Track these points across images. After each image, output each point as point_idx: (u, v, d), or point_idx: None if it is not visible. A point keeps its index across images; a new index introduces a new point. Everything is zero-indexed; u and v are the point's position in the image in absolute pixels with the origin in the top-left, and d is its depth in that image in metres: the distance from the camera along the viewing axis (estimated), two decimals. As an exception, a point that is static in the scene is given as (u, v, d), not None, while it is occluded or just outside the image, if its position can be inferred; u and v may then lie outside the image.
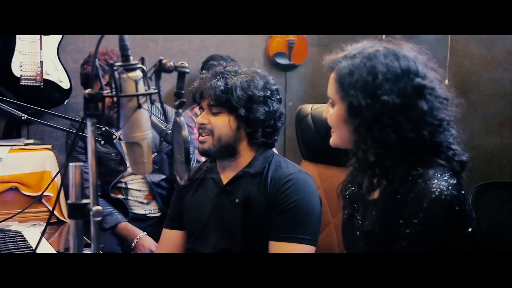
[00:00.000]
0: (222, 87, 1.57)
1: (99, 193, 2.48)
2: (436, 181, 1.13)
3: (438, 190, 1.12)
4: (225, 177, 1.67)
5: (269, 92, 1.61)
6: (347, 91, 1.20)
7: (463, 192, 1.16)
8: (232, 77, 1.59)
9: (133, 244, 2.34)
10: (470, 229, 1.16)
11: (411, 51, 1.22)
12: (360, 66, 1.19)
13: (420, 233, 1.13)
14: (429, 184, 1.13)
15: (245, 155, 1.65)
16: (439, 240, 1.13)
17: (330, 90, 1.26)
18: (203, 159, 2.28)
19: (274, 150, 1.75)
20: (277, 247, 1.56)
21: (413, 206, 1.14)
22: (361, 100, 1.17)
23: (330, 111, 1.28)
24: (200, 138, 1.63)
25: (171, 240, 1.77)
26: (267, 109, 1.60)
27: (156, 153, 2.47)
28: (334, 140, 1.31)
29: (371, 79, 1.17)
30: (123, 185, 2.52)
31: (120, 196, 2.52)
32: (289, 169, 1.63)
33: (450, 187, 1.13)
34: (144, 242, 2.33)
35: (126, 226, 2.39)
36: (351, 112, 1.21)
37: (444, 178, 1.14)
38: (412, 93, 1.17)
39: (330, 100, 1.27)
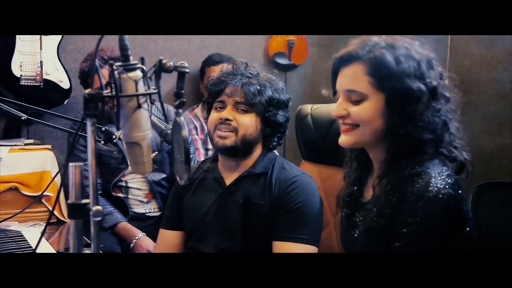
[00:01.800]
0: (258, 87, 1.59)
1: (100, 192, 2.49)
2: (434, 180, 1.13)
3: (436, 189, 1.11)
4: (228, 177, 1.68)
5: (286, 98, 1.67)
6: (390, 81, 1.16)
7: (460, 192, 1.15)
8: (261, 78, 1.63)
9: (132, 245, 2.34)
10: (467, 229, 1.15)
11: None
12: (398, 56, 1.17)
13: (417, 232, 1.12)
14: (426, 183, 1.13)
15: (254, 156, 1.66)
16: (436, 239, 1.12)
17: (356, 84, 1.19)
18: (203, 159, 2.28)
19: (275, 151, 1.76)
20: (281, 247, 1.57)
21: (410, 205, 1.13)
22: (412, 88, 1.15)
23: (354, 107, 1.20)
24: (220, 133, 1.61)
25: (168, 241, 1.77)
26: (285, 114, 1.66)
27: (157, 152, 2.47)
28: (355, 139, 1.23)
29: (417, 66, 1.17)
30: (124, 184, 2.52)
31: (120, 194, 2.52)
32: (293, 171, 1.66)
33: (447, 186, 1.12)
34: (143, 242, 2.33)
35: (125, 226, 2.39)
36: (392, 103, 1.17)
37: (442, 177, 1.13)
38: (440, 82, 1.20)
39: (354, 96, 1.20)
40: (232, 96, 1.60)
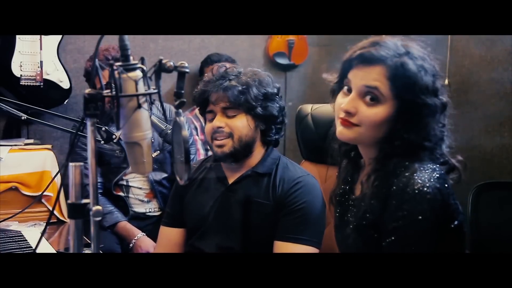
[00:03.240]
0: (240, 88, 1.57)
1: (101, 190, 2.49)
2: (419, 173, 1.14)
3: (419, 182, 1.12)
4: (231, 176, 1.68)
5: (275, 89, 1.65)
6: (409, 93, 1.17)
7: (446, 185, 1.15)
8: (242, 77, 1.61)
9: (131, 245, 2.34)
10: (456, 222, 1.16)
11: None
12: (420, 69, 1.18)
13: (404, 226, 1.13)
14: (411, 176, 1.14)
15: (256, 155, 1.66)
16: (424, 233, 1.13)
17: (378, 83, 1.18)
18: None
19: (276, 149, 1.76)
20: (283, 247, 1.57)
21: (396, 199, 1.14)
22: (427, 103, 1.17)
23: (366, 109, 1.19)
24: (217, 142, 1.61)
25: (170, 238, 1.76)
26: (277, 105, 1.64)
27: (159, 151, 2.47)
28: (354, 135, 1.22)
29: (432, 81, 1.19)
30: (125, 183, 2.52)
31: (121, 193, 2.52)
32: (297, 172, 1.65)
33: (432, 180, 1.13)
34: (142, 242, 2.33)
35: (125, 225, 2.40)
36: (404, 112, 1.18)
37: (427, 171, 1.14)
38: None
39: (371, 93, 1.19)
40: (217, 103, 1.60)
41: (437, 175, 1.14)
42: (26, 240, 1.77)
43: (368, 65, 1.20)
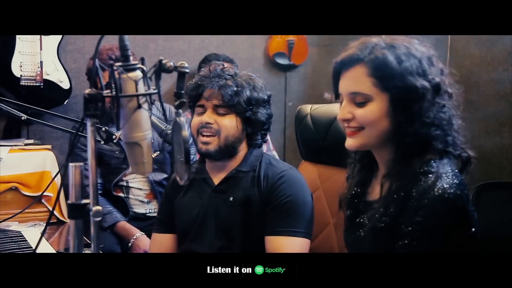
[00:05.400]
0: (235, 89, 1.58)
1: (101, 191, 2.49)
2: (440, 179, 1.13)
3: (442, 188, 1.12)
4: (216, 177, 1.69)
5: (266, 96, 1.66)
6: (393, 81, 1.16)
7: (466, 192, 1.15)
8: (238, 79, 1.62)
9: (130, 244, 2.34)
10: (473, 229, 1.15)
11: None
12: (400, 55, 1.17)
13: (421, 231, 1.12)
14: (433, 182, 1.13)
15: (239, 155, 1.67)
16: (440, 239, 1.12)
17: (359, 86, 1.19)
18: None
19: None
20: (273, 241, 1.58)
21: (415, 203, 1.13)
22: (415, 86, 1.16)
23: (359, 110, 1.20)
24: (203, 139, 1.62)
25: (161, 244, 1.77)
26: (266, 111, 1.66)
27: (159, 152, 2.47)
28: (361, 141, 1.22)
29: (418, 64, 1.18)
30: (125, 184, 2.52)
31: (121, 194, 2.52)
32: (280, 166, 1.67)
33: (454, 186, 1.12)
34: (140, 242, 2.33)
35: (124, 225, 2.40)
36: (397, 102, 1.17)
37: (449, 177, 1.14)
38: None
39: (358, 98, 1.20)
40: (210, 100, 1.60)
41: (458, 181, 1.14)
42: (26, 240, 1.77)
43: (349, 69, 1.21)
